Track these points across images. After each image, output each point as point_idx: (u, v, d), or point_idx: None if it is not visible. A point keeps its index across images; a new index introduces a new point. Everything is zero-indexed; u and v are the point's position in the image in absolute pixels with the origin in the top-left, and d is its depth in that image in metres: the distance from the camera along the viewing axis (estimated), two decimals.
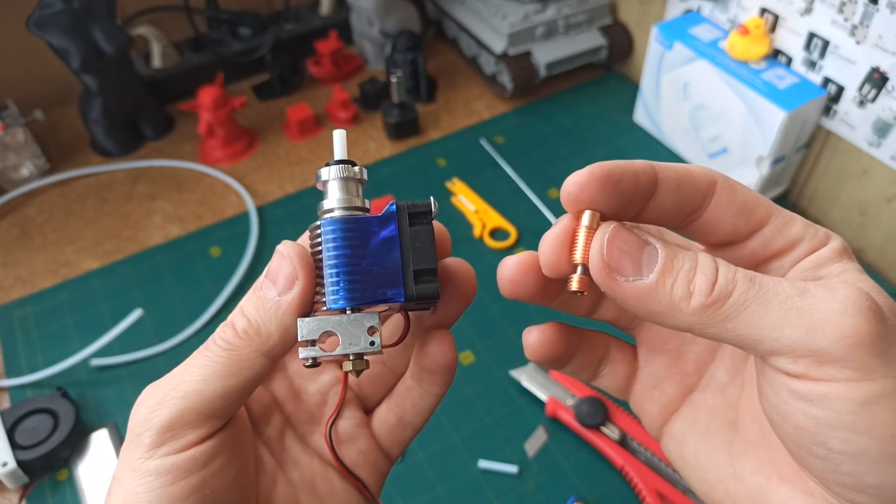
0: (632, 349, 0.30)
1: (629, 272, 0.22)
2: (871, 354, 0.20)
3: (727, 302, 0.21)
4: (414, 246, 0.25)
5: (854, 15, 0.63)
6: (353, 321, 0.25)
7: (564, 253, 0.24)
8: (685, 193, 0.24)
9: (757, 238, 0.25)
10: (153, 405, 0.24)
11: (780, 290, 0.21)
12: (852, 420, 0.20)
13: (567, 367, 0.30)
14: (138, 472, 0.24)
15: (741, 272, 0.22)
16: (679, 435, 0.28)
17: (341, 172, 0.26)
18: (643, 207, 0.24)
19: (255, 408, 0.30)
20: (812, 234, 0.24)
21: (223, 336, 0.25)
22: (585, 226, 0.24)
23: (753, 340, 0.21)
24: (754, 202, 0.24)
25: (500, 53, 0.87)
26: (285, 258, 0.25)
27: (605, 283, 0.23)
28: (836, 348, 0.20)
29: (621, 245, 0.23)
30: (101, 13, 0.76)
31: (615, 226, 0.23)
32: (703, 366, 0.29)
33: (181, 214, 0.79)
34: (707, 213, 0.25)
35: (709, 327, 0.22)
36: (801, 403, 0.21)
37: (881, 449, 0.20)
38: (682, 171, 0.24)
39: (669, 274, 0.22)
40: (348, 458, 0.30)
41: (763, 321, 0.21)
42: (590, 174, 0.23)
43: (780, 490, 0.24)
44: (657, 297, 0.22)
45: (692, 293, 0.22)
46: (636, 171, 0.23)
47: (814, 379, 0.21)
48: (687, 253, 0.22)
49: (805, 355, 0.21)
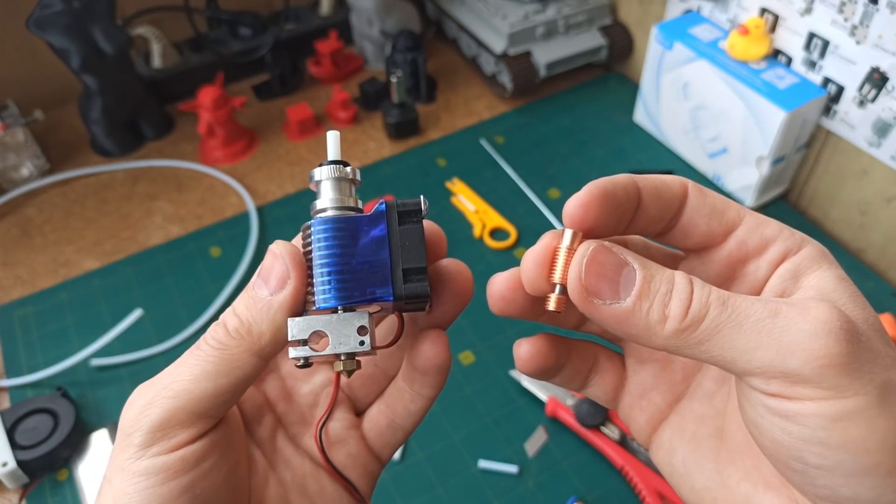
0: (620, 359, 0.30)
1: (606, 295, 0.23)
2: (841, 374, 0.20)
3: (700, 326, 0.22)
4: (403, 245, 0.25)
5: (854, 15, 0.63)
6: (344, 321, 0.25)
7: (544, 272, 0.24)
8: (664, 199, 0.25)
9: (732, 240, 0.25)
10: (144, 405, 0.24)
11: (753, 313, 0.21)
12: (826, 436, 0.21)
13: (557, 378, 0.30)
14: (128, 472, 0.24)
15: (715, 294, 0.22)
16: (667, 443, 0.28)
17: (333, 173, 0.26)
18: (632, 218, 0.25)
19: (247, 408, 0.30)
20: (787, 236, 0.25)
21: (215, 335, 0.25)
22: (566, 246, 0.24)
23: (727, 361, 0.22)
24: (724, 203, 0.26)
25: (500, 53, 0.87)
26: (277, 258, 0.25)
27: (582, 306, 0.23)
28: (806, 370, 0.21)
29: (599, 268, 0.23)
30: (101, 13, 0.76)
31: (594, 248, 0.23)
32: (690, 374, 0.29)
33: (181, 214, 0.79)
34: (683, 217, 0.26)
35: (684, 349, 0.22)
36: (777, 419, 0.22)
37: (855, 463, 0.21)
38: (657, 179, 0.25)
39: (646, 298, 0.22)
40: (338, 460, 0.30)
41: (735, 344, 0.21)
42: (590, 194, 0.24)
43: (766, 498, 0.24)
44: (634, 320, 0.22)
45: (667, 317, 0.22)
46: (623, 184, 0.24)
47: (787, 397, 0.21)
48: (664, 274, 0.23)
49: (777, 376, 0.21)
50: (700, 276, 0.26)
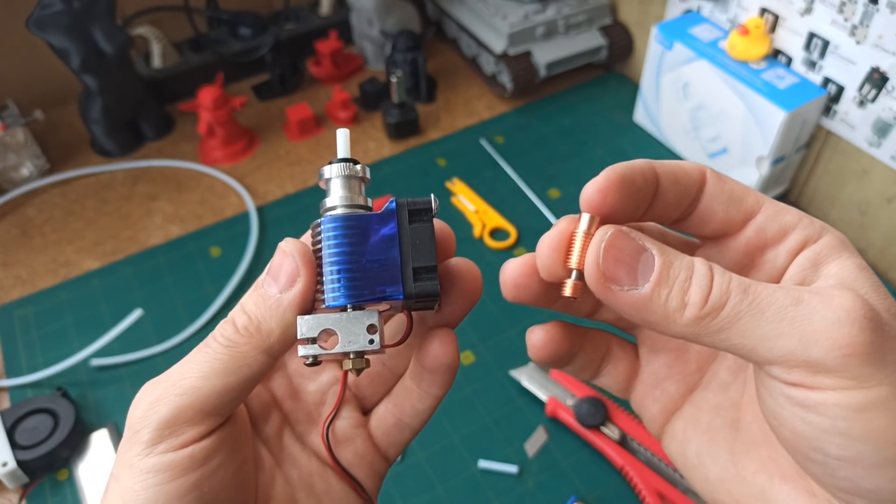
0: (633, 348, 0.30)
1: (624, 281, 0.22)
2: (865, 364, 0.20)
3: (720, 313, 0.21)
4: (413, 243, 0.25)
5: (854, 15, 0.63)
6: (353, 319, 0.25)
7: (560, 257, 0.24)
8: (682, 186, 0.25)
9: (751, 227, 0.25)
10: (152, 402, 0.24)
11: (775, 300, 0.21)
12: (848, 426, 0.20)
13: (569, 367, 0.29)
14: (136, 469, 0.24)
15: (735, 281, 0.22)
16: (681, 434, 0.28)
17: (343, 170, 0.26)
18: (650, 205, 0.25)
19: (254, 405, 0.30)
20: (807, 224, 0.24)
21: (223, 333, 0.25)
22: (583, 231, 0.23)
23: (747, 350, 0.21)
24: (743, 191, 0.25)
25: (500, 53, 0.87)
26: (287, 255, 0.25)
27: (599, 291, 0.23)
28: (829, 359, 0.20)
29: (617, 253, 0.22)
30: (101, 13, 0.76)
31: (612, 232, 0.23)
32: (704, 364, 0.29)
33: (181, 214, 0.79)
34: (701, 203, 0.25)
35: (703, 337, 0.22)
36: (798, 409, 0.21)
37: (877, 455, 0.20)
38: (675, 165, 0.25)
39: (665, 284, 0.22)
40: (345, 458, 0.30)
41: (756, 332, 0.21)
42: (608, 178, 0.23)
43: (783, 490, 0.24)
44: (652, 307, 0.22)
45: (686, 304, 0.22)
46: (642, 170, 0.24)
47: (809, 387, 0.21)
48: (683, 260, 0.22)
49: (799, 365, 0.21)
50: (717, 263, 0.26)
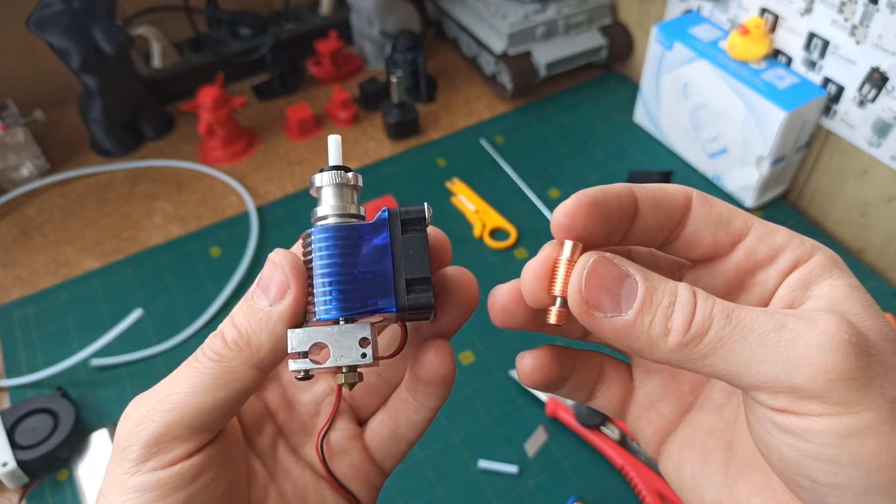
0: (627, 368, 0.30)
1: (608, 308, 0.22)
2: (850, 389, 0.20)
3: (704, 339, 0.21)
4: (406, 254, 0.25)
5: (854, 15, 0.63)
6: (345, 332, 0.24)
7: (545, 284, 0.24)
8: (664, 210, 0.24)
9: (740, 249, 0.25)
10: (139, 418, 0.24)
11: (758, 325, 0.21)
12: (835, 453, 0.20)
13: (562, 390, 0.29)
14: (124, 487, 0.23)
15: (719, 306, 0.21)
16: (676, 456, 0.28)
17: (335, 178, 0.26)
18: (628, 229, 0.24)
19: (247, 417, 0.29)
20: (797, 244, 0.24)
21: (212, 347, 0.25)
22: (566, 258, 0.23)
23: (732, 375, 0.21)
24: (731, 213, 0.25)
25: (500, 53, 0.87)
26: (277, 267, 0.24)
27: (583, 319, 0.23)
28: (813, 384, 0.20)
29: (600, 280, 0.22)
30: (101, 13, 0.76)
31: (595, 259, 0.22)
32: (698, 385, 0.28)
33: (181, 214, 0.79)
34: (687, 228, 0.25)
35: (687, 363, 0.22)
36: (785, 435, 0.21)
37: (866, 481, 0.20)
38: (657, 189, 0.24)
39: (648, 310, 0.22)
40: (340, 471, 0.30)
41: (739, 357, 0.21)
42: (577, 202, 0.23)
43: None
44: (635, 333, 0.22)
45: (670, 330, 0.21)
46: (617, 194, 0.24)
47: (795, 413, 0.21)
48: (667, 286, 0.22)
49: (783, 391, 0.20)
50: (707, 287, 0.25)
